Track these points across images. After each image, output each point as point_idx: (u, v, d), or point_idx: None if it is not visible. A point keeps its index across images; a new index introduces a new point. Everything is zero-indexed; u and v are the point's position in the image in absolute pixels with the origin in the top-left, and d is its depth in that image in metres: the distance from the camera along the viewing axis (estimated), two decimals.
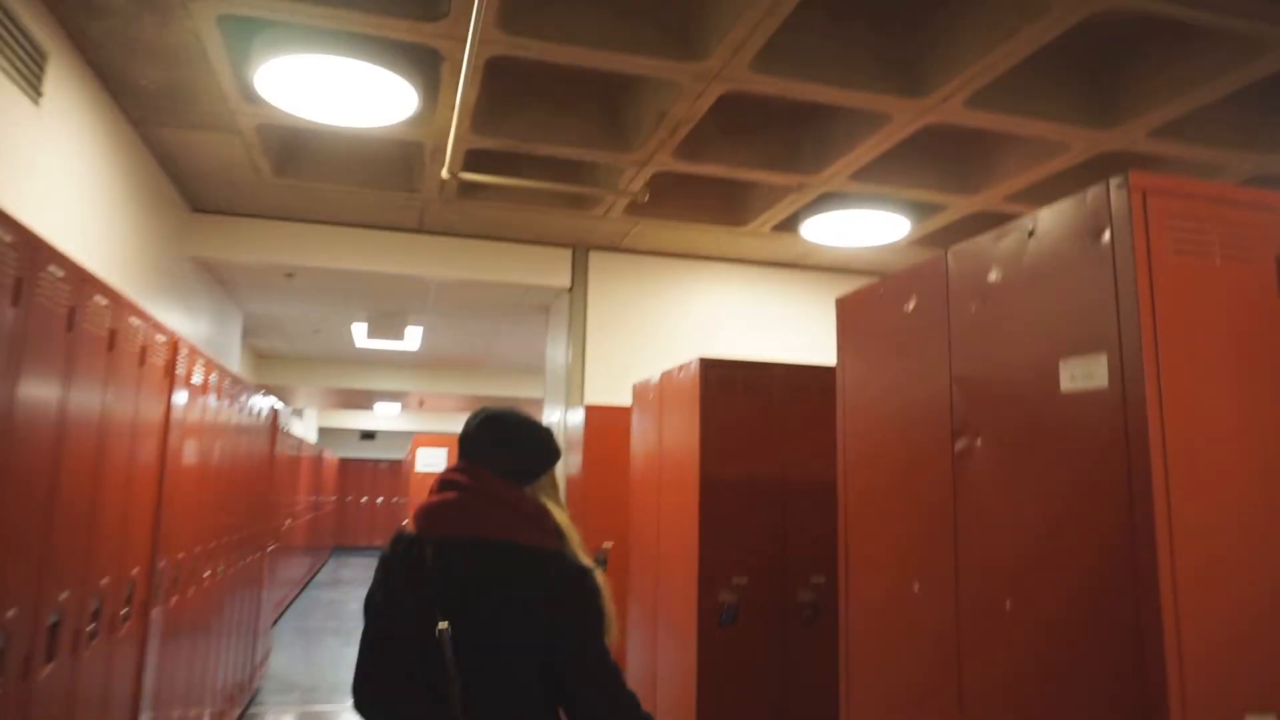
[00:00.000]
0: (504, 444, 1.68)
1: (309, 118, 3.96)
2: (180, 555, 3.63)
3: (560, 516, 1.68)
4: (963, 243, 1.87)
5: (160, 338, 3.08)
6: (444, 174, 4.32)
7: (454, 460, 1.72)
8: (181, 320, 5.63)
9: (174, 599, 3.53)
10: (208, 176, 5.01)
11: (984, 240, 1.79)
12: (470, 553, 1.57)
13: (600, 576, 1.63)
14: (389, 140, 4.56)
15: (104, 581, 2.59)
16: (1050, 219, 1.61)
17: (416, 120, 4.08)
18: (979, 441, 1.76)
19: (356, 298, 7.27)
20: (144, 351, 2.87)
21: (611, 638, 1.59)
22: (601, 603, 1.59)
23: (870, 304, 2.23)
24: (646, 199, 4.72)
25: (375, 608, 1.66)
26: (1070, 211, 1.56)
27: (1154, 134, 4.08)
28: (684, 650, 3.37)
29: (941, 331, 1.88)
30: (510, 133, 4.28)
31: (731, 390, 3.48)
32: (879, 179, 4.82)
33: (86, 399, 2.37)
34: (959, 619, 1.78)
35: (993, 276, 1.74)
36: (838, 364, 2.36)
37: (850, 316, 2.32)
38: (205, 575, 4.19)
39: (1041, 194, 5.03)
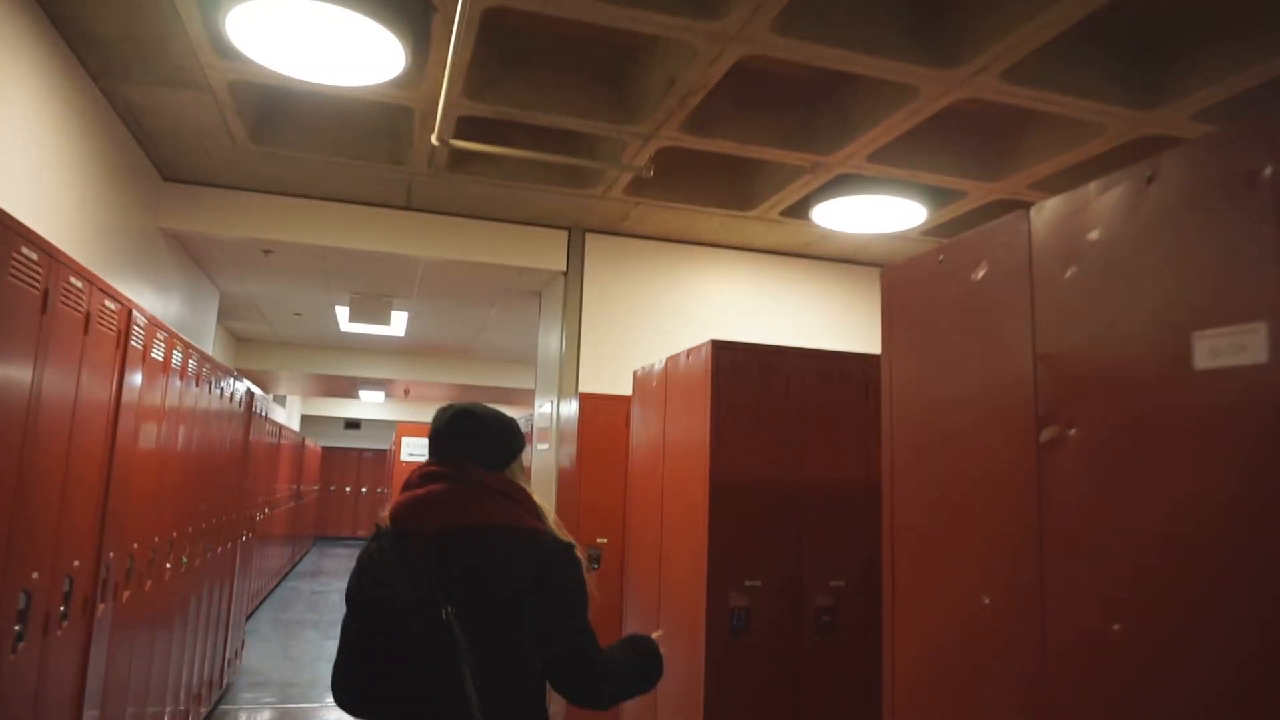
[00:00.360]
0: (477, 435, 1.76)
1: (286, 73, 3.63)
2: (135, 546, 3.31)
3: (536, 497, 1.78)
4: (1051, 198, 1.58)
5: (110, 304, 2.75)
6: (433, 140, 3.99)
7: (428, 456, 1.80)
8: (152, 298, 5.29)
9: (126, 594, 3.21)
10: (179, 141, 4.66)
11: (1082, 193, 1.50)
12: (465, 539, 1.64)
13: (579, 552, 1.73)
14: (374, 104, 4.23)
15: (34, 576, 2.27)
16: (1178, 162, 1.32)
17: (404, 81, 3.76)
18: (1073, 431, 1.46)
19: (339, 278, 6.93)
20: (89, 319, 2.54)
21: (590, 609, 1.72)
22: (584, 577, 1.71)
23: (925, 274, 1.93)
24: (651, 174, 4.41)
25: (361, 602, 1.69)
26: (1207, 152, 1.27)
27: (1198, 117, 3.80)
28: (690, 657, 3.07)
29: (1022, 302, 1.59)
30: (505, 98, 3.97)
31: (746, 376, 3.18)
32: (898, 161, 4.54)
33: (11, 370, 2.05)
34: (1045, 638, 1.49)
35: (1095, 234, 1.44)
36: (883, 345, 2.06)
37: (899, 290, 2.03)
38: (167, 567, 3.86)
39: (1068, 182, 4.76)
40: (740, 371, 3.18)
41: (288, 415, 15.96)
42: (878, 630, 3.37)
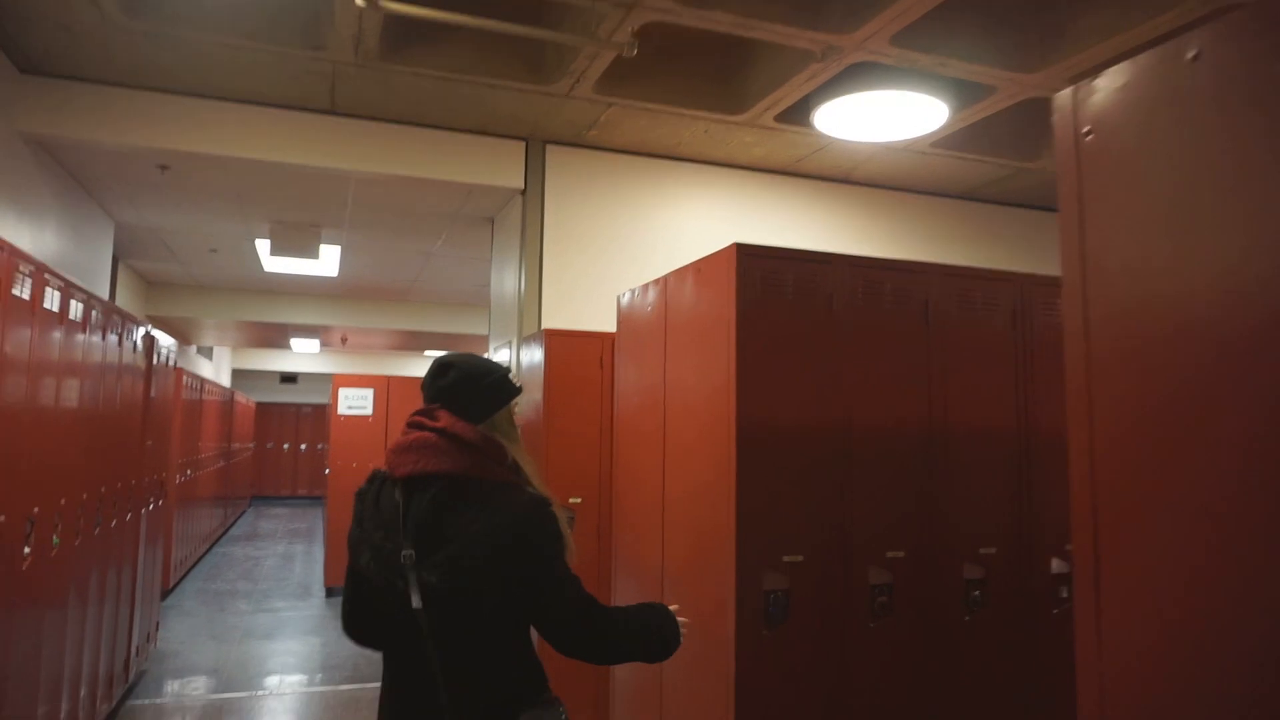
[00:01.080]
0: (458, 385, 1.76)
1: None
2: None
3: (515, 451, 1.76)
4: None
5: None
6: (358, 1, 3.11)
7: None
8: (14, 222, 4.32)
9: None
10: (33, 15, 3.67)
11: None
12: (432, 488, 1.66)
13: (556, 509, 1.70)
14: None
15: None
16: None
17: None
18: None
19: (256, 204, 5.95)
20: None
21: (572, 562, 1.69)
22: (559, 529, 1.68)
23: (1157, 86, 1.19)
24: (635, 52, 3.59)
25: (352, 542, 1.73)
26: None
27: None
28: (714, 658, 2.38)
29: None
30: None
31: (779, 292, 2.44)
32: (925, 44, 3.80)
33: None
34: None
35: None
36: (1066, 210, 1.33)
37: (1102, 119, 1.28)
38: (25, 552, 3.02)
39: None
40: (772, 285, 2.43)
41: (216, 369, 14.82)
42: (944, 611, 2.73)
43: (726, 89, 4.44)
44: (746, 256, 2.39)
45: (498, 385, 1.78)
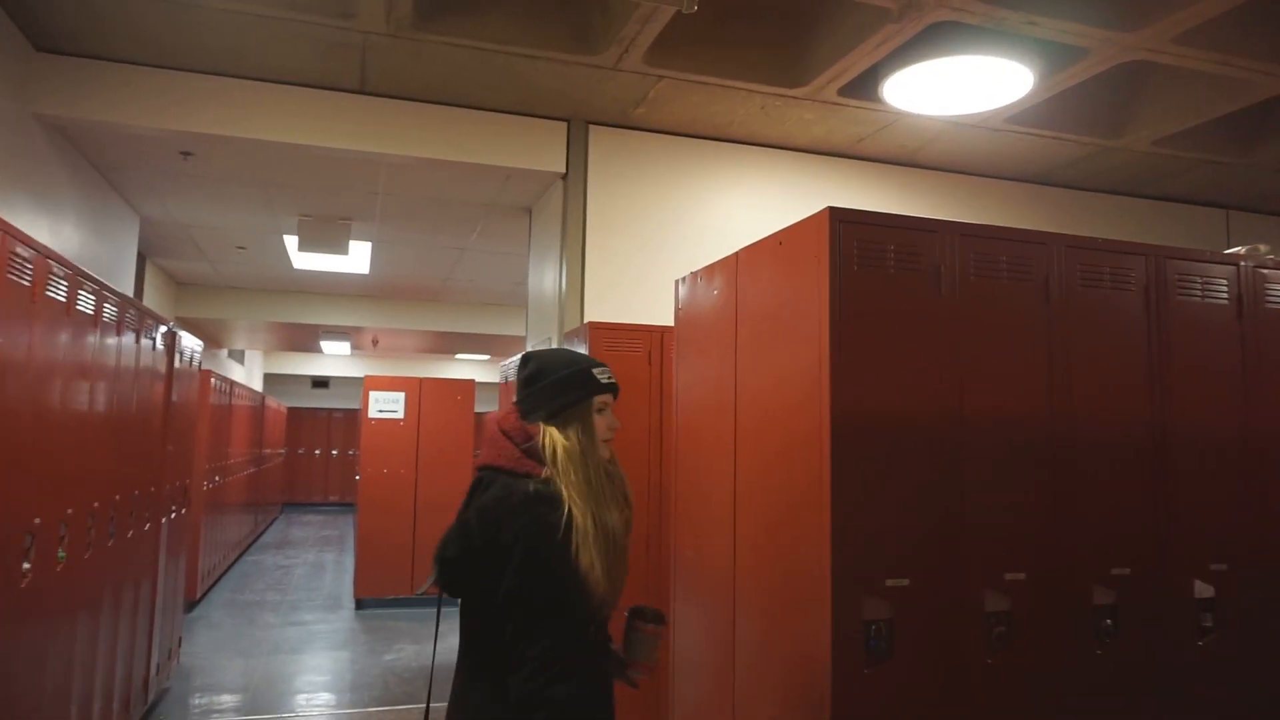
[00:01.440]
0: (524, 382, 1.75)
1: None
2: None
3: (558, 439, 1.65)
4: None
5: None
6: None
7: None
8: (31, 212, 4.06)
9: None
10: None
11: None
12: (476, 478, 1.71)
13: (583, 518, 1.56)
14: None
15: None
16: None
17: None
18: None
19: (283, 195, 5.68)
20: None
21: (595, 592, 1.54)
22: (546, 536, 1.52)
23: None
24: (695, 8, 3.22)
25: None
26: None
27: None
28: (805, 702, 2.00)
29: None
30: None
31: (879, 265, 2.06)
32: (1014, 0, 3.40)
33: None
34: None
35: None
36: None
37: None
38: (24, 568, 2.73)
39: (1227, 33, 3.66)
40: (871, 257, 2.06)
41: (248, 373, 14.71)
42: (1071, 642, 2.33)
43: (787, 58, 4.07)
44: (841, 223, 2.02)
45: (556, 384, 1.71)
